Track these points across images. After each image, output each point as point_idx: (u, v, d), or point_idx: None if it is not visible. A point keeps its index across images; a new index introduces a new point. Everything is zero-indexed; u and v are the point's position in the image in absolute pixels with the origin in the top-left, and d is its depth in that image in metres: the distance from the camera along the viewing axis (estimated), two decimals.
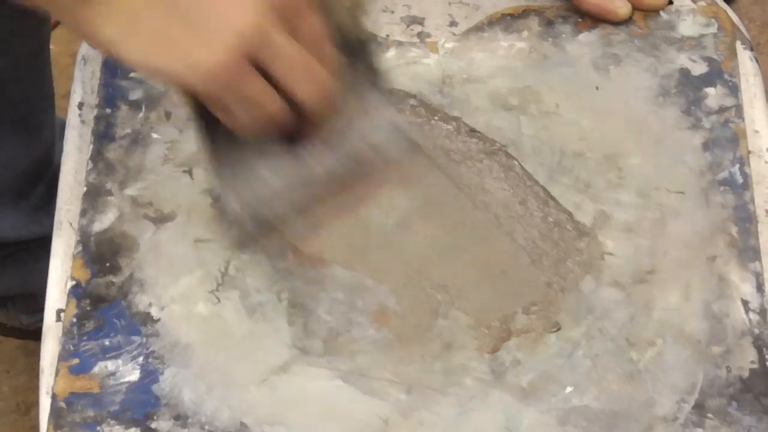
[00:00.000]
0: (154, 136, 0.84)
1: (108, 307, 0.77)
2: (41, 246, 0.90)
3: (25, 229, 1.26)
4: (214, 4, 0.67)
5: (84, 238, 0.80)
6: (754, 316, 0.75)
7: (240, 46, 0.66)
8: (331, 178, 0.76)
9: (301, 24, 0.69)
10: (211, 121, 0.72)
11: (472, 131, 0.82)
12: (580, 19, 0.87)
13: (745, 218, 0.78)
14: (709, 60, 0.84)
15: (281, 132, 0.73)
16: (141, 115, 0.84)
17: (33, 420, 1.45)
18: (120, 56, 0.68)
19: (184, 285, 0.78)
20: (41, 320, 0.78)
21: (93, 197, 0.81)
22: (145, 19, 0.67)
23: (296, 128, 0.73)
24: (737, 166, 0.80)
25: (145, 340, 0.76)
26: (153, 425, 0.73)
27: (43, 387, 0.76)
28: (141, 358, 0.75)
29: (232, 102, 0.69)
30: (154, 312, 0.77)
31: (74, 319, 0.77)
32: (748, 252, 0.77)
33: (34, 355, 1.47)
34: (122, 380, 0.75)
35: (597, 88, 0.84)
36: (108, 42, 0.68)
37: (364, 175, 0.78)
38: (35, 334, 1.35)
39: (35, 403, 1.44)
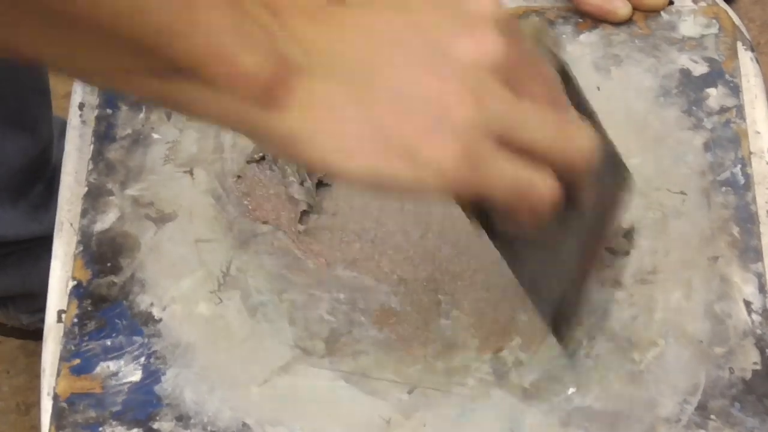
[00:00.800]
0: (155, 136, 0.83)
1: (109, 308, 0.77)
2: (41, 246, 0.90)
3: (24, 228, 1.26)
4: (424, 88, 0.57)
5: (85, 238, 0.79)
6: (756, 317, 0.75)
7: (470, 129, 0.56)
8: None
9: (530, 80, 0.59)
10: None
11: None
12: (580, 20, 0.87)
13: (747, 219, 0.78)
14: (710, 60, 0.84)
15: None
16: (141, 115, 0.84)
17: (33, 420, 1.44)
18: (338, 175, 0.58)
19: (185, 285, 0.78)
20: (41, 320, 0.78)
21: (94, 197, 0.81)
22: (353, 121, 0.57)
23: None
24: (739, 166, 0.80)
25: (146, 340, 0.76)
26: (155, 426, 0.73)
27: (44, 387, 0.76)
28: (143, 359, 0.75)
29: (493, 192, 0.58)
30: (156, 312, 0.77)
31: (75, 320, 0.76)
32: (749, 253, 0.77)
33: (34, 355, 1.48)
34: (124, 381, 0.74)
35: (598, 89, 0.84)
36: (317, 160, 0.57)
37: None
38: (35, 334, 1.35)
39: (35, 403, 1.44)
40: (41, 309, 0.79)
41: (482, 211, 0.63)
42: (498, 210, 0.61)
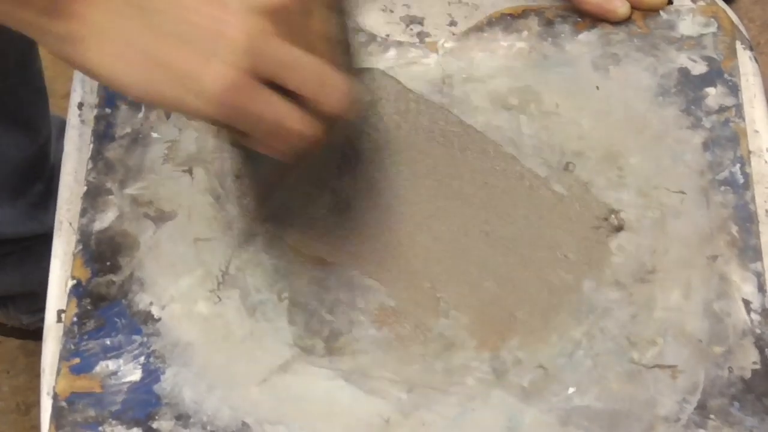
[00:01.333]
0: (154, 135, 0.83)
1: (108, 307, 0.77)
2: (41, 245, 0.90)
3: (23, 227, 1.26)
4: (201, 17, 0.63)
5: (84, 237, 0.79)
6: (755, 317, 0.75)
7: (239, 62, 0.62)
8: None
9: (302, 26, 0.65)
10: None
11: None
12: (579, 19, 0.87)
13: (746, 218, 0.78)
14: (708, 59, 0.84)
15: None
16: (141, 114, 0.84)
17: (33, 420, 1.45)
18: (118, 88, 0.65)
19: (184, 284, 0.78)
20: (41, 320, 0.78)
21: (93, 196, 0.81)
22: (136, 42, 0.63)
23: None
24: (738, 165, 0.80)
25: (146, 339, 0.76)
26: (154, 425, 0.73)
27: (44, 387, 0.76)
28: (142, 358, 0.75)
29: (251, 125, 0.65)
30: (155, 311, 0.77)
31: (75, 319, 0.76)
32: (748, 252, 0.77)
33: (34, 355, 1.48)
34: (123, 380, 0.74)
35: (597, 88, 0.84)
36: (104, 74, 0.64)
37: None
38: (35, 334, 1.35)
39: (35, 403, 1.44)
40: (41, 309, 0.79)
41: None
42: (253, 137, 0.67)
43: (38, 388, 0.76)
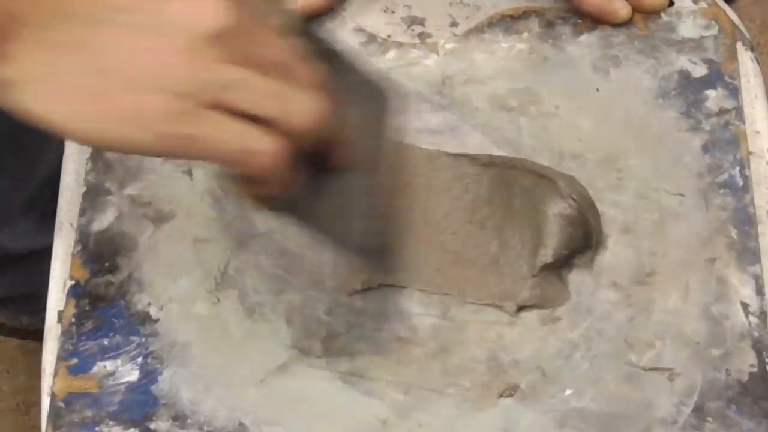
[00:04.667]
0: None
1: (107, 307, 0.77)
2: (45, 250, 0.89)
3: (35, 240, 1.26)
4: (139, 51, 0.59)
5: (83, 237, 0.80)
6: (753, 319, 0.75)
7: (181, 91, 0.59)
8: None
9: (258, 48, 0.61)
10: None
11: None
12: (580, 21, 0.87)
13: (745, 220, 0.78)
14: (709, 62, 0.84)
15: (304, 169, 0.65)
16: None
17: (33, 420, 1.45)
18: (65, 134, 0.61)
19: (183, 285, 0.78)
20: (42, 320, 0.78)
21: (92, 197, 0.81)
22: (77, 83, 0.59)
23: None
24: (737, 168, 0.80)
25: (143, 340, 0.76)
26: (152, 425, 0.73)
27: (45, 387, 0.76)
28: (140, 358, 0.75)
29: (207, 153, 0.61)
30: (153, 312, 0.77)
31: (73, 319, 0.77)
32: (747, 254, 0.77)
33: (34, 355, 1.48)
34: (121, 380, 0.74)
35: (597, 90, 0.84)
36: (47, 121, 0.60)
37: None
38: (35, 334, 1.35)
39: (35, 403, 1.45)
40: (41, 309, 0.79)
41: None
42: (251, 181, 0.63)
43: (38, 388, 0.76)
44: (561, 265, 0.76)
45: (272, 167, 0.61)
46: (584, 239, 0.77)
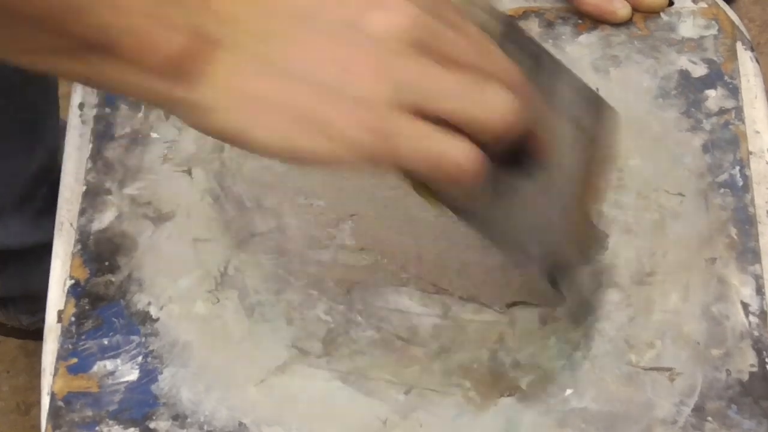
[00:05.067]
0: (154, 135, 0.83)
1: (107, 307, 0.77)
2: (43, 249, 0.90)
3: (29, 237, 1.26)
4: (329, 59, 0.57)
5: (83, 237, 0.80)
6: (753, 319, 0.75)
7: (375, 100, 0.57)
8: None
9: (446, 42, 0.59)
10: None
11: None
12: (580, 21, 0.87)
13: (745, 220, 0.78)
14: (709, 62, 0.84)
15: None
16: (140, 114, 0.84)
17: (33, 420, 1.45)
18: (259, 151, 0.59)
19: (183, 284, 0.78)
20: (41, 320, 0.78)
21: (92, 196, 0.81)
22: (269, 98, 0.58)
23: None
24: (737, 168, 0.80)
25: (143, 339, 0.76)
26: (151, 425, 0.73)
27: (45, 387, 0.76)
28: (140, 358, 0.75)
29: (406, 165, 0.58)
30: (153, 311, 0.77)
31: (73, 318, 0.77)
32: (747, 254, 0.77)
33: (34, 355, 1.48)
34: (121, 380, 0.74)
35: (597, 90, 0.84)
36: (242, 139, 0.59)
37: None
38: (35, 334, 1.35)
39: (35, 403, 1.45)
40: (41, 309, 0.79)
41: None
42: (430, 184, 0.61)
43: (38, 388, 0.76)
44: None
45: (470, 174, 0.59)
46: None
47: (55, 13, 0.55)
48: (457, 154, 0.58)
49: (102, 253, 0.79)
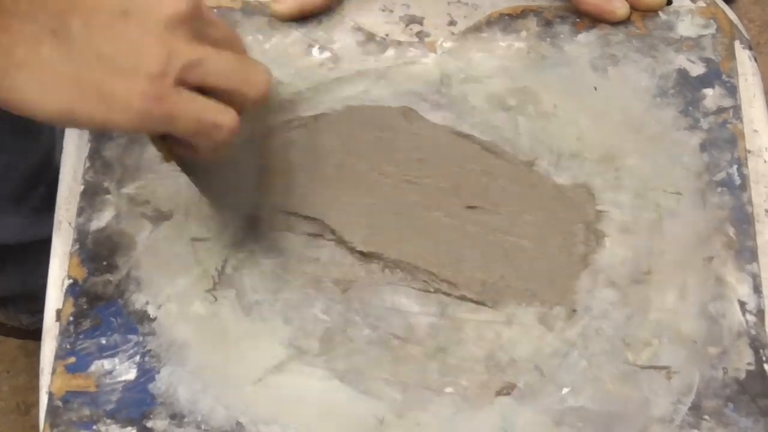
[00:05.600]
0: None
1: (104, 306, 0.77)
2: (41, 247, 0.90)
3: (26, 233, 1.26)
4: (116, 35, 0.64)
5: (81, 236, 0.80)
6: (750, 318, 0.75)
7: (160, 73, 0.64)
8: None
9: (211, 29, 0.68)
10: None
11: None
12: (578, 20, 0.87)
13: (743, 219, 0.78)
14: (707, 61, 0.84)
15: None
16: None
17: (33, 420, 1.45)
18: (44, 117, 0.64)
19: (180, 284, 0.78)
20: (41, 320, 0.78)
21: (90, 196, 0.81)
22: (57, 68, 0.63)
23: None
24: (735, 167, 0.80)
25: (141, 338, 0.76)
26: (149, 424, 0.73)
27: (43, 387, 0.76)
28: (137, 357, 0.75)
29: (178, 128, 0.66)
30: (151, 311, 0.77)
31: (71, 318, 0.77)
32: (745, 253, 0.77)
33: (34, 355, 1.48)
34: (118, 379, 0.75)
35: (595, 89, 0.84)
36: (28, 105, 0.64)
37: None
38: (35, 334, 1.35)
39: (35, 403, 1.44)
40: (41, 309, 0.79)
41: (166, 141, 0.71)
42: (182, 142, 0.69)
43: (38, 388, 0.76)
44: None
45: (230, 138, 0.68)
46: None
47: None
48: (222, 117, 0.67)
49: (100, 253, 0.79)
